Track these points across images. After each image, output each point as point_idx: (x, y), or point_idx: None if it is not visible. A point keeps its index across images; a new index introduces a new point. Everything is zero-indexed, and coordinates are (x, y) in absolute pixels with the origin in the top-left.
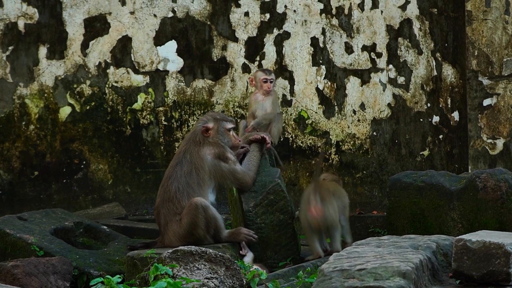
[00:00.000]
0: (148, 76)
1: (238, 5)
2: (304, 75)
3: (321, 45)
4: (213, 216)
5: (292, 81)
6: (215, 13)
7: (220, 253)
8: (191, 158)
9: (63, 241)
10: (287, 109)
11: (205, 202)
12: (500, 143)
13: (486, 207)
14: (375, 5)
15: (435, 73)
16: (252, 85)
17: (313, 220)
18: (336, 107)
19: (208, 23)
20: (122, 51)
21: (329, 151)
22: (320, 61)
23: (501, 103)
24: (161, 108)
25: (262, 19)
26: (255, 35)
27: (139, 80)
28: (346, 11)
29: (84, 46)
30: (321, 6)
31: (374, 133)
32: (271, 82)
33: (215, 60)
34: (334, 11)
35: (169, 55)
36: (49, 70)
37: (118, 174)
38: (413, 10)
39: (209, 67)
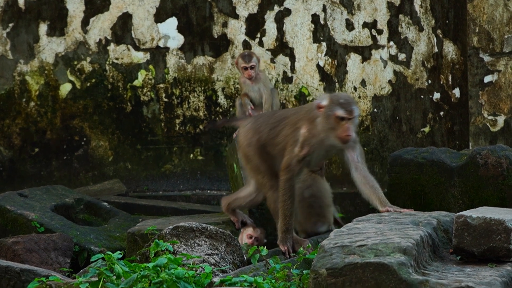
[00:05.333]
0: (148, 53)
1: None
2: (305, 52)
3: (321, 22)
4: None
5: (292, 58)
6: None
7: (220, 230)
8: (287, 125)
9: (63, 218)
10: (288, 86)
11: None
12: (501, 119)
13: (487, 183)
14: None
15: (436, 50)
16: (237, 68)
17: None
18: (336, 84)
19: (209, 0)
20: (123, 28)
21: None
22: (321, 38)
23: (502, 80)
24: (161, 85)
25: None
26: (255, 12)
27: (140, 57)
28: None
29: (85, 23)
30: None
31: (375, 110)
32: (251, 68)
33: (216, 37)
34: None
35: (170, 32)
36: (50, 47)
37: (118, 151)
38: None
39: (210, 44)
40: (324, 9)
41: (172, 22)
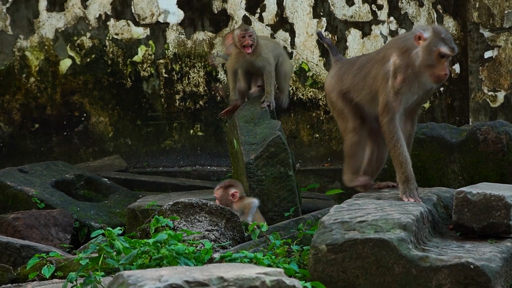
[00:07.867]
0: (148, 29)
1: None
2: (305, 27)
3: None
4: None
5: (292, 34)
6: None
7: (220, 206)
8: (374, 64)
9: (64, 194)
10: None
11: None
12: (501, 95)
13: (487, 159)
14: None
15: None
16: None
17: None
18: None
19: None
20: (122, 3)
21: None
22: (321, 13)
23: (502, 55)
24: (161, 61)
25: None
26: None
27: (140, 32)
28: None
29: None
30: None
31: None
32: (249, 36)
33: (216, 12)
34: None
35: (170, 7)
36: (49, 23)
37: (118, 126)
38: None
39: (210, 19)
40: None
41: None
